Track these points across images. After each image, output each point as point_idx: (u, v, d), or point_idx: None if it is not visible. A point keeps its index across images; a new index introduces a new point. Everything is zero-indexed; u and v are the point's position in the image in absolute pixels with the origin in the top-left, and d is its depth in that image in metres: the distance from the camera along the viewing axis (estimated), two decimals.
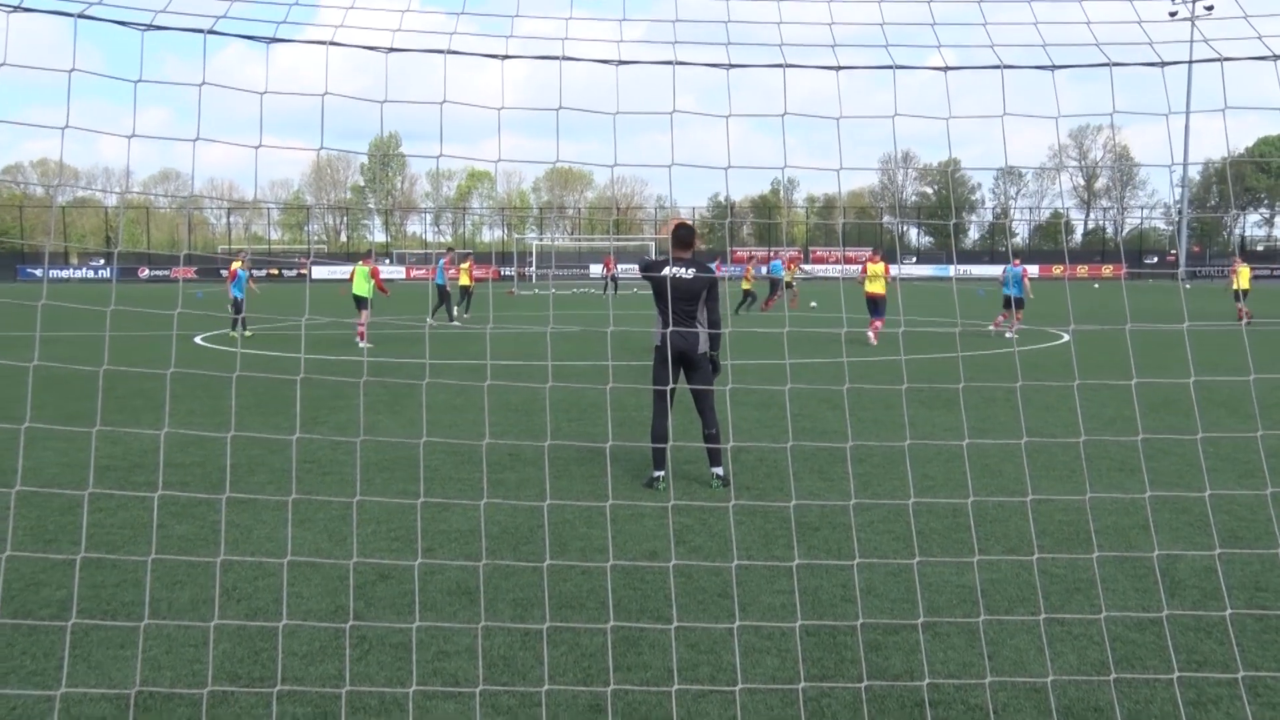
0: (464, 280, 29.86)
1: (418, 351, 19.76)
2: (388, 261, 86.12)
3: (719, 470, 8.37)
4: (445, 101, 4.46)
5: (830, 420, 11.55)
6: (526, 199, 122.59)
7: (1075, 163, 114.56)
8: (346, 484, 8.38)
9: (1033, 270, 78.66)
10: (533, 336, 23.53)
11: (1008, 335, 22.97)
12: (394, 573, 6.08)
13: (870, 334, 21.34)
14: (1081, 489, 7.99)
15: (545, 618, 5.25)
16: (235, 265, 24.67)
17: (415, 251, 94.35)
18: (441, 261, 29.07)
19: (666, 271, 8.29)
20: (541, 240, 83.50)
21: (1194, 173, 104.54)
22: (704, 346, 8.30)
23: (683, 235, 8.48)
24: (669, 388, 8.29)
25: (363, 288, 22.63)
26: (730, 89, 4.62)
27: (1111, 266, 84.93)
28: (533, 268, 71.36)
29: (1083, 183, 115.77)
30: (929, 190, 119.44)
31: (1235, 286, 29.19)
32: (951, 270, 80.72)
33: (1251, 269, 30.44)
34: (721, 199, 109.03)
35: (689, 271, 8.28)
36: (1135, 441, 9.27)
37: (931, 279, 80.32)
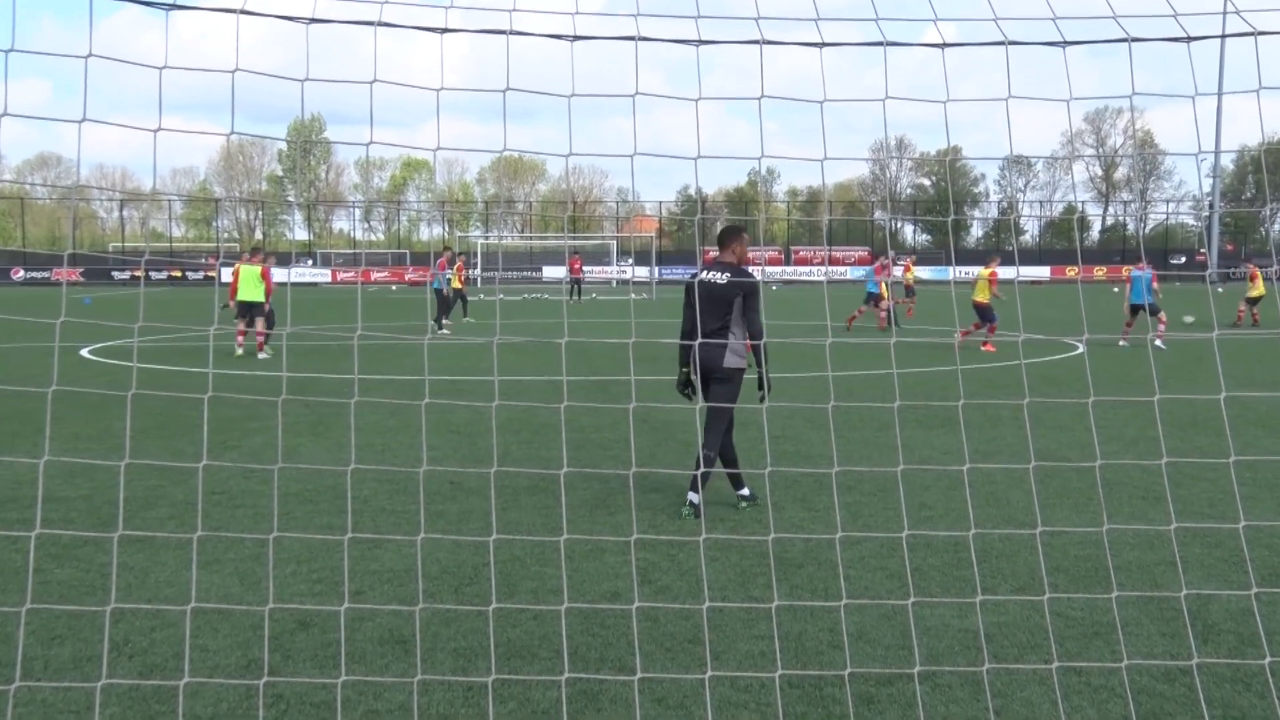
0: (454, 283, 30.54)
1: (345, 366, 19.67)
2: (310, 263, 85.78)
3: (695, 498, 8.40)
4: (376, 81, 4.46)
5: (815, 442, 11.61)
6: (470, 192, 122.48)
7: (1091, 150, 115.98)
8: (262, 518, 8.32)
9: (1043, 273, 79.55)
10: (477, 349, 23.48)
11: (1158, 344, 22.99)
12: (316, 620, 6.04)
13: (983, 345, 23.28)
14: (1099, 520, 8.07)
15: (491, 669, 5.23)
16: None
17: (343, 251, 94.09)
18: (438, 263, 29.55)
19: (703, 276, 8.50)
20: (488, 239, 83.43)
21: (1227, 161, 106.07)
22: (731, 362, 8.46)
23: (723, 237, 8.72)
24: (698, 406, 8.59)
25: (254, 291, 22.08)
26: (701, 68, 4.65)
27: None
28: (478, 270, 71.28)
29: (1100, 173, 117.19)
30: (926, 182, 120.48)
31: (1251, 294, 31.50)
32: (951, 272, 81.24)
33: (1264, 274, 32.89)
34: (692, 192, 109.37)
35: (722, 276, 8.47)
36: (1160, 465, 9.38)
37: (930, 283, 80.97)
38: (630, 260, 72.72)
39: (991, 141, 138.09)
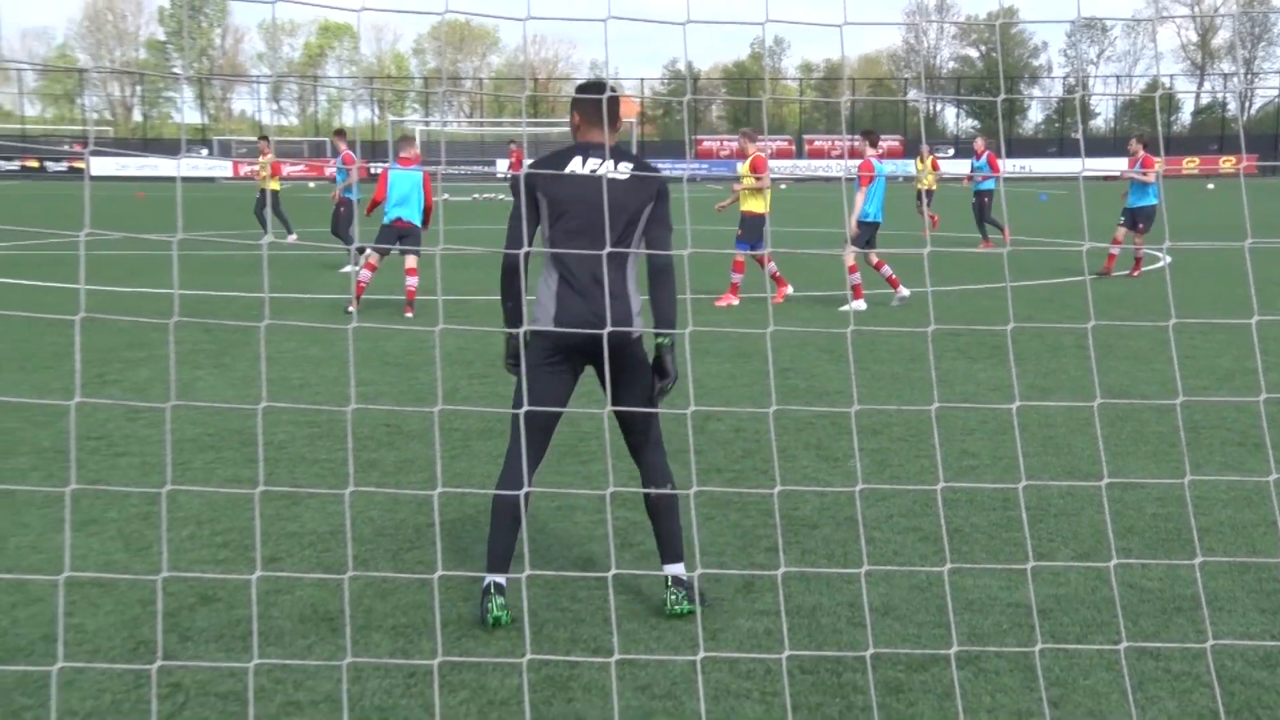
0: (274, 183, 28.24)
1: (252, 282, 19.55)
2: (206, 153, 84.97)
3: (677, 570, 5.99)
4: None
5: (832, 377, 11.64)
6: (405, 65, 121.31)
7: (1186, 8, 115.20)
8: (151, 469, 8.32)
9: (1121, 166, 79.39)
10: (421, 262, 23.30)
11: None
12: (221, 592, 6.07)
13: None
14: (1182, 470, 8.14)
15: (437, 650, 5.27)
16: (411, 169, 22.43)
17: (246, 139, 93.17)
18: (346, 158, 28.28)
19: (575, 167, 5.99)
20: (429, 126, 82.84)
21: None
22: (638, 325, 6.00)
23: (602, 105, 6.09)
24: (547, 410, 6.08)
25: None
26: None
27: (1234, 158, 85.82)
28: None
29: (1194, 39, 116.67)
30: (973, 53, 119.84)
31: None
32: (1000, 166, 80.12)
33: None
34: (681, 67, 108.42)
35: (622, 168, 6.05)
36: (1258, 404, 9.45)
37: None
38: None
39: (1055, 1, 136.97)
